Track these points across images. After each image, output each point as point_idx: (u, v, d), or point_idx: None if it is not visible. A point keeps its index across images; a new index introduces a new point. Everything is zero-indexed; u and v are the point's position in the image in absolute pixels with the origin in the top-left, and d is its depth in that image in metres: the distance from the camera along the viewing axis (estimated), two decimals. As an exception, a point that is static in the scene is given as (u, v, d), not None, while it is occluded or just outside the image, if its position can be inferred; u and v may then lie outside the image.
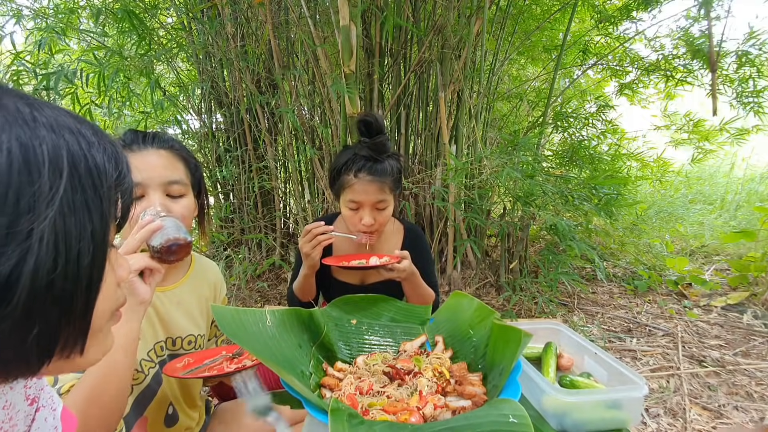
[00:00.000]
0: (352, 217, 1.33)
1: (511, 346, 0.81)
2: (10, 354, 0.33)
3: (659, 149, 3.62)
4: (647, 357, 2.29)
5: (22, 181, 0.31)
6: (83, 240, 0.35)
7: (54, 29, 2.22)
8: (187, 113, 3.18)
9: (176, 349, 1.06)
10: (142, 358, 0.97)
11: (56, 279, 0.33)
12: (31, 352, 0.34)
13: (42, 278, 0.32)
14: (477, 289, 3.02)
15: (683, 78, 3.13)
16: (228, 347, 1.12)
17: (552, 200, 2.34)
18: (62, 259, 0.33)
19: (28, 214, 0.31)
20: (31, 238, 0.31)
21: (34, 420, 0.46)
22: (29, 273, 0.31)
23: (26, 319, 0.32)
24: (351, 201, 1.31)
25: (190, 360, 1.00)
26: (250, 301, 2.97)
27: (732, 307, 2.83)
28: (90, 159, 0.36)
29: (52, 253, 0.32)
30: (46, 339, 0.35)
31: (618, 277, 3.42)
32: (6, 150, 0.31)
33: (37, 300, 0.32)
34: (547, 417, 0.85)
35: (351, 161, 1.30)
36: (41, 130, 0.33)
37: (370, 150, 1.30)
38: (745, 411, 1.83)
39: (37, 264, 0.31)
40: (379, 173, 1.28)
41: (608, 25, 3.25)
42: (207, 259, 1.21)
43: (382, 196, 1.30)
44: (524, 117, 4.13)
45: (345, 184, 1.31)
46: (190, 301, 1.09)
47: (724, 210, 5.02)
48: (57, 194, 0.33)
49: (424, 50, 2.67)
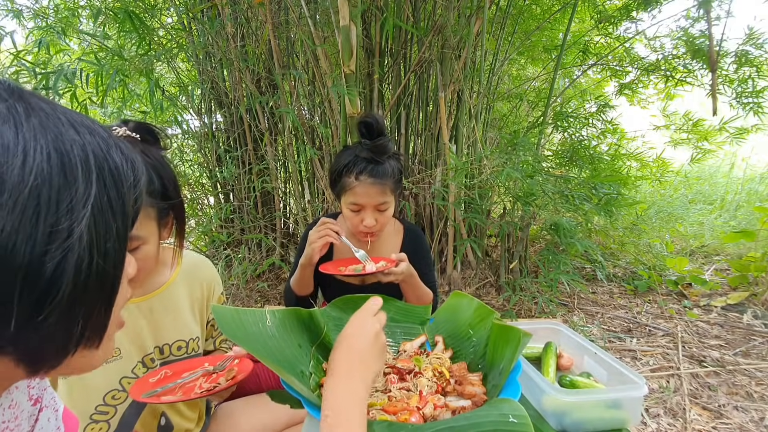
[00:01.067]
0: (353, 218, 1.33)
1: (511, 346, 0.81)
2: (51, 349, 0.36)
3: (658, 149, 3.63)
4: (647, 357, 2.29)
5: (61, 184, 0.33)
6: (110, 239, 0.37)
7: (54, 29, 2.22)
8: (187, 113, 3.18)
9: (165, 356, 1.02)
10: (122, 377, 0.95)
11: (92, 275, 0.35)
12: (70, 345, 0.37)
13: (82, 274, 0.34)
14: (477, 289, 3.02)
15: (683, 78, 3.13)
16: (212, 358, 1.06)
17: (552, 200, 2.34)
18: (96, 257, 0.35)
19: (68, 215, 0.33)
20: (72, 237, 0.33)
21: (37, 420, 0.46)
22: (72, 269, 0.33)
23: (71, 313, 0.35)
24: (352, 203, 1.30)
25: (168, 372, 0.96)
26: (250, 301, 2.97)
27: (732, 307, 2.83)
28: (111, 161, 0.38)
29: (87, 251, 0.34)
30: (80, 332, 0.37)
31: (618, 277, 3.42)
32: (46, 154, 0.33)
33: (78, 295, 0.35)
34: (547, 416, 0.85)
35: (352, 163, 1.29)
36: (69, 131, 0.35)
37: (371, 152, 1.29)
38: (745, 411, 1.83)
39: (78, 261, 0.34)
40: (380, 175, 1.28)
41: (608, 25, 3.25)
42: (199, 255, 1.16)
43: (383, 198, 1.29)
44: (524, 117, 4.13)
45: (346, 186, 1.30)
46: (178, 304, 1.04)
47: (724, 210, 5.02)
48: (90, 195, 0.35)
49: (424, 50, 2.67)
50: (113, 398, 0.92)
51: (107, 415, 0.91)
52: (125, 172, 0.39)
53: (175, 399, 0.85)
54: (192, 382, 0.93)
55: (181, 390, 0.90)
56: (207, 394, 0.87)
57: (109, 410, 0.91)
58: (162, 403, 0.87)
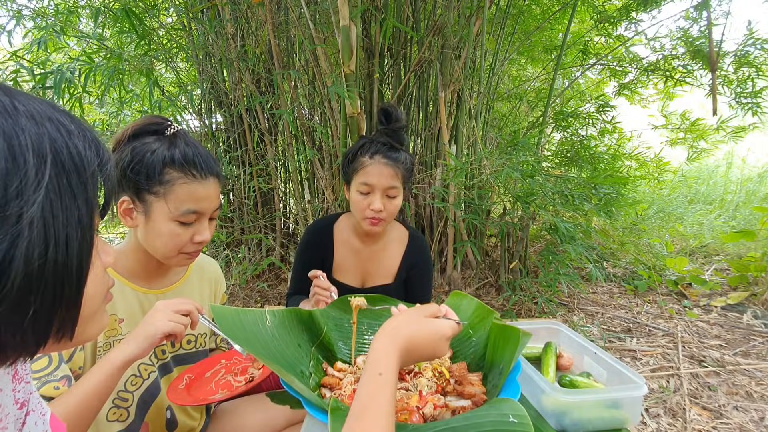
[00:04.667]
0: (361, 202, 1.31)
1: (511, 346, 0.81)
2: (9, 336, 0.35)
3: (655, 149, 3.63)
4: (647, 357, 2.29)
5: (8, 168, 0.32)
6: (70, 225, 0.36)
7: (53, 29, 2.22)
8: (187, 113, 3.18)
9: (176, 350, 1.06)
10: (140, 362, 0.97)
11: (48, 263, 0.34)
12: (28, 334, 0.36)
13: (34, 262, 0.33)
14: (477, 289, 3.02)
15: (682, 78, 3.13)
16: (226, 354, 1.12)
17: (552, 200, 2.34)
18: (52, 243, 0.34)
19: (17, 199, 0.32)
20: (21, 222, 0.32)
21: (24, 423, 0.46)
22: (21, 257, 0.32)
23: (22, 301, 0.34)
24: (363, 184, 1.30)
25: (191, 376, 1.01)
26: (250, 301, 2.97)
27: (732, 307, 2.83)
28: (72, 146, 0.37)
29: (41, 237, 0.33)
30: (41, 321, 0.36)
31: (618, 277, 3.42)
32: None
33: (32, 283, 0.34)
34: (547, 416, 0.85)
35: (368, 144, 1.32)
36: (21, 119, 0.35)
37: (387, 136, 1.32)
38: (745, 411, 1.83)
39: (29, 248, 0.33)
40: (394, 159, 1.29)
41: (608, 25, 3.25)
42: (204, 255, 1.21)
43: (394, 183, 1.30)
44: (524, 117, 4.13)
45: (359, 166, 1.31)
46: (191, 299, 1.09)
47: (724, 210, 5.03)
48: (43, 180, 0.34)
49: (424, 50, 2.67)
50: (132, 384, 0.95)
51: (127, 402, 0.94)
52: (89, 157, 0.38)
53: (222, 397, 0.91)
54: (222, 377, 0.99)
55: (220, 387, 0.97)
56: (250, 386, 0.92)
57: (128, 396, 0.94)
58: (211, 403, 0.92)
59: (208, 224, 0.96)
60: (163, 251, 0.94)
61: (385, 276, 1.47)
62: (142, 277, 1.00)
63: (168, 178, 0.88)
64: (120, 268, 0.98)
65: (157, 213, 0.90)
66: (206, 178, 0.92)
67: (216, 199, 0.96)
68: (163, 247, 0.93)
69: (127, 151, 0.89)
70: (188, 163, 0.90)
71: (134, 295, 0.98)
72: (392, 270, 1.47)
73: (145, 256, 0.97)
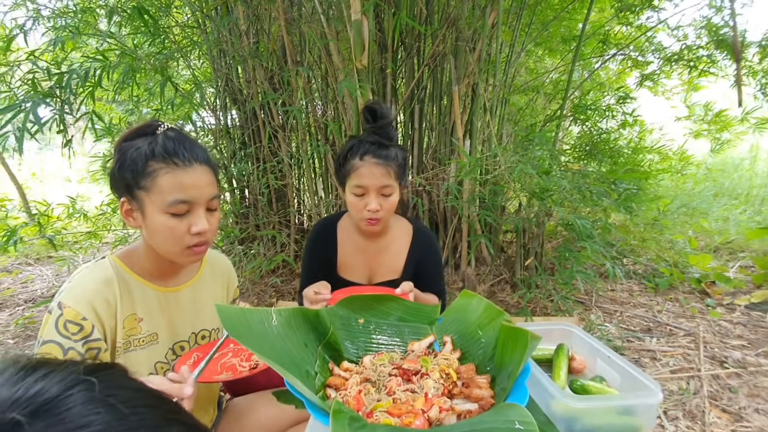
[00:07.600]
0: (357, 204, 1.31)
1: (519, 349, 0.79)
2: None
3: (678, 141, 3.52)
4: (667, 357, 2.23)
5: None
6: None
7: (68, 29, 2.25)
8: (202, 110, 3.21)
9: (192, 346, 1.09)
10: (157, 361, 1.00)
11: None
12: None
13: None
14: (491, 285, 2.99)
15: (706, 69, 3.02)
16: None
17: (569, 196, 2.28)
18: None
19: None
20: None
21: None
22: None
23: None
24: (357, 186, 1.29)
25: (199, 355, 1.02)
26: (265, 296, 3.00)
27: (756, 305, 2.73)
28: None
29: None
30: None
31: (638, 274, 3.34)
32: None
33: None
34: (556, 421, 0.83)
35: (357, 146, 1.31)
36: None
37: (375, 134, 1.31)
38: (766, 414, 1.77)
39: None
40: (384, 157, 1.28)
41: (629, 14, 3.15)
42: (216, 252, 1.23)
43: (387, 181, 1.29)
44: (541, 110, 4.05)
45: (351, 168, 1.30)
46: (204, 297, 1.11)
47: (749, 204, 4.85)
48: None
49: (438, 43, 2.63)
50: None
51: None
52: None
53: (226, 377, 0.93)
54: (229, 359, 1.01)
55: (225, 368, 0.98)
56: (255, 372, 0.94)
57: None
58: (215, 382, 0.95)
59: (207, 215, 0.95)
60: (164, 247, 0.94)
61: (392, 272, 1.46)
62: (158, 276, 1.02)
63: (151, 170, 0.89)
64: (137, 268, 0.99)
65: (150, 208, 0.91)
66: (191, 165, 0.91)
67: (208, 187, 0.94)
68: (163, 242, 0.93)
69: (117, 154, 0.92)
70: (169, 153, 0.90)
71: (153, 294, 1.00)
72: (398, 265, 1.46)
73: (157, 256, 0.98)
